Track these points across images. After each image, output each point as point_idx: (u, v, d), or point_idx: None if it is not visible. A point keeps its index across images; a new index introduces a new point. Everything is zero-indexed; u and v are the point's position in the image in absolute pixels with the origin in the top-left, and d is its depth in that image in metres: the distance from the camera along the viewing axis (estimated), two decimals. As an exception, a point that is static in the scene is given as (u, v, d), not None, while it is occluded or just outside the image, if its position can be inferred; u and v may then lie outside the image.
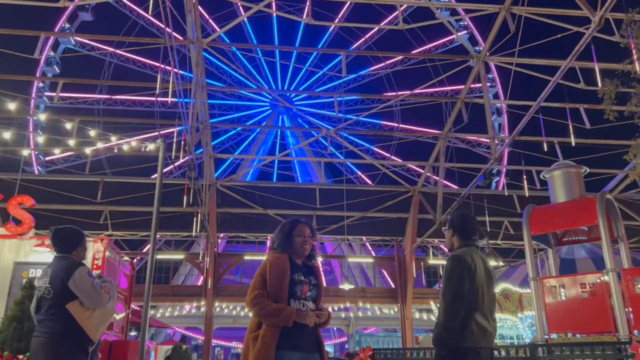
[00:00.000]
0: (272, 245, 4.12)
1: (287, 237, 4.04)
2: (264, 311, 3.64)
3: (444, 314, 3.97)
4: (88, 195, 22.63)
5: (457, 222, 4.41)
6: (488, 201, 20.78)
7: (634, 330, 9.80)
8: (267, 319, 3.63)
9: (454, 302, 3.96)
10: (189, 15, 15.83)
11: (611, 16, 13.21)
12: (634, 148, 13.42)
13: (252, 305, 3.70)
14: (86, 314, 4.34)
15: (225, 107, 40.56)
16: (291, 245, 4.00)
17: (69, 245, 4.77)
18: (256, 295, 3.70)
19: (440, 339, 3.96)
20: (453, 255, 4.18)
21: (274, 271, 3.78)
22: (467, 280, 4.01)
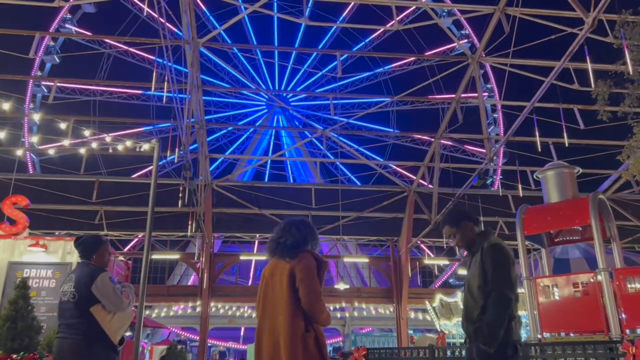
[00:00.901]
0: (307, 242, 3.97)
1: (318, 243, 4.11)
2: (327, 313, 3.78)
3: (496, 308, 3.72)
4: (83, 195, 22.59)
5: (464, 211, 4.32)
6: (483, 201, 20.87)
7: (625, 330, 9.87)
8: (325, 321, 3.75)
9: (506, 294, 3.76)
10: (184, 16, 15.84)
11: (604, 17, 13.31)
12: (627, 149, 13.52)
13: (322, 306, 3.71)
14: (107, 318, 4.58)
15: (222, 104, 40.56)
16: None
17: (88, 251, 4.95)
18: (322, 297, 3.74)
19: (493, 335, 3.68)
20: (494, 245, 3.96)
21: (324, 276, 3.86)
22: (513, 270, 3.88)
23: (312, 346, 3.60)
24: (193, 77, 16.84)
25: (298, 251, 3.85)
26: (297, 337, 3.58)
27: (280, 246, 3.94)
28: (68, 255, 10.25)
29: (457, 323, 19.21)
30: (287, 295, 3.71)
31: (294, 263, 3.80)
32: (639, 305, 10.03)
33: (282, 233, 4.00)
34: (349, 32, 39.12)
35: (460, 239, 4.22)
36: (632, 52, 12.26)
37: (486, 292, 3.82)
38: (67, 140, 13.04)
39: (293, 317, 3.64)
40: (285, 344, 3.57)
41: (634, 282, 10.28)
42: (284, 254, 3.89)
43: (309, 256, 3.83)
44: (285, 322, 3.65)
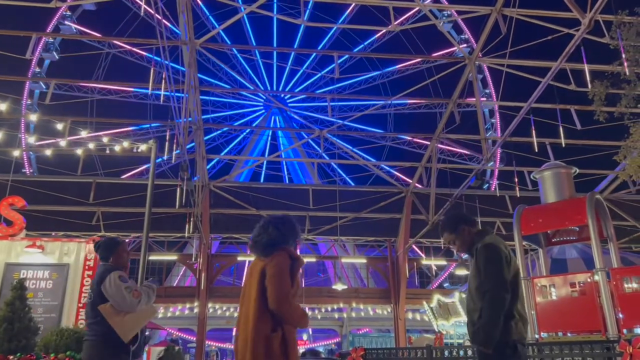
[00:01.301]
0: (285, 241, 3.89)
1: (299, 240, 4.04)
2: (299, 313, 3.69)
3: (490, 308, 3.69)
4: (80, 196, 22.53)
5: (461, 216, 4.30)
6: (480, 202, 20.90)
7: (623, 329, 9.90)
8: (298, 322, 3.68)
9: (499, 293, 3.71)
10: (181, 16, 15.82)
11: (601, 18, 13.35)
12: (624, 149, 13.55)
13: (290, 306, 3.61)
14: (118, 317, 4.61)
15: (219, 103, 40.53)
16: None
17: (106, 253, 5.09)
18: (292, 296, 3.65)
19: (488, 336, 3.66)
20: (487, 245, 3.93)
21: (299, 274, 3.78)
22: (507, 268, 3.83)
23: (276, 347, 3.50)
24: (190, 78, 16.82)
25: (273, 249, 3.79)
26: (260, 337, 3.52)
27: (256, 244, 3.89)
28: (65, 256, 10.23)
29: (455, 323, 19.25)
30: (257, 294, 3.65)
31: (267, 261, 3.75)
32: (636, 305, 10.06)
33: (259, 231, 3.94)
34: (349, 35, 39.28)
35: (460, 244, 4.21)
36: (629, 53, 12.30)
37: (482, 292, 3.80)
38: (64, 140, 13.02)
39: (259, 317, 3.58)
40: (249, 345, 3.52)
41: (631, 282, 10.31)
42: (259, 252, 3.85)
43: (283, 254, 3.76)
44: (252, 322, 3.59)
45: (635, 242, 25.00)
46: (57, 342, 7.37)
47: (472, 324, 3.89)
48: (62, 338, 7.42)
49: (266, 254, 3.79)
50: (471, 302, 3.96)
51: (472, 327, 3.87)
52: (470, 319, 3.93)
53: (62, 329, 7.91)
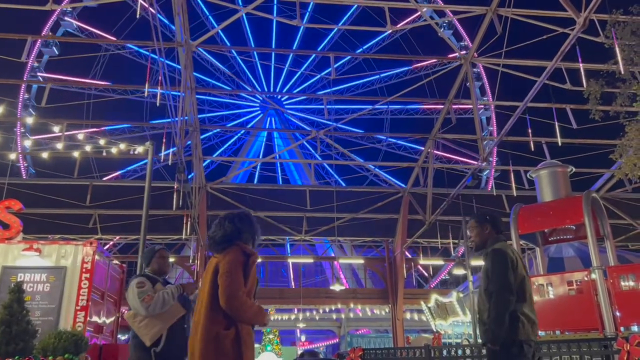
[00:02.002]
0: (240, 238, 3.78)
1: (257, 236, 3.94)
2: (253, 311, 3.56)
3: (495, 308, 3.96)
4: (77, 199, 22.48)
5: (493, 218, 4.58)
6: (477, 201, 20.93)
7: (620, 327, 9.94)
8: (249, 321, 3.57)
9: (503, 295, 3.98)
10: (177, 18, 15.81)
11: (595, 17, 13.39)
12: (620, 147, 13.60)
13: (242, 303, 3.49)
14: (137, 320, 4.73)
15: (216, 103, 40.47)
16: (255, 245, 3.89)
17: (146, 262, 5.40)
18: (244, 293, 3.53)
19: (494, 334, 3.92)
20: (495, 250, 4.26)
21: (255, 270, 3.66)
22: (512, 273, 4.10)
23: (228, 346, 3.40)
24: (187, 80, 16.81)
25: (227, 245, 3.70)
26: (210, 335, 3.42)
27: (211, 241, 3.80)
28: (62, 259, 10.18)
29: (453, 323, 19.28)
30: (209, 291, 3.57)
31: (220, 258, 3.66)
32: (632, 302, 10.11)
33: (215, 227, 3.85)
34: (348, 39, 39.33)
35: (476, 235, 4.55)
36: (623, 52, 12.35)
37: (490, 294, 4.11)
38: (61, 143, 13.00)
39: (211, 315, 3.49)
40: (199, 343, 3.44)
41: (627, 279, 10.36)
42: (213, 249, 3.77)
43: (236, 250, 3.66)
44: (203, 320, 3.51)
45: (631, 240, 25.08)
46: (55, 344, 7.35)
47: (482, 324, 4.18)
48: (60, 341, 7.40)
49: (220, 250, 3.70)
50: (481, 303, 4.26)
51: (483, 327, 4.14)
52: (481, 319, 4.22)
53: (60, 332, 7.89)
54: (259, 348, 27.44)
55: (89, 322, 9.60)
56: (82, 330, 8.85)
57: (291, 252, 32.16)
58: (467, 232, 4.76)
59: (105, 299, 10.92)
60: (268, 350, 26.59)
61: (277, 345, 27.31)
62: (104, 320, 10.86)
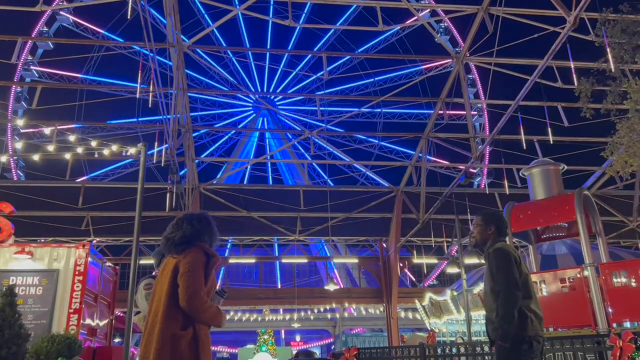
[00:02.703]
0: (199, 239, 3.74)
1: (215, 238, 3.89)
2: (212, 312, 3.53)
3: (503, 306, 3.99)
4: (69, 201, 22.34)
5: (500, 220, 4.58)
6: (470, 200, 21.02)
7: (612, 323, 10.00)
8: (208, 321, 3.53)
9: (511, 292, 4.02)
10: (168, 18, 15.76)
11: (586, 16, 13.48)
12: (611, 145, 13.70)
13: (203, 302, 3.45)
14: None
15: (209, 102, 40.30)
16: (212, 248, 3.83)
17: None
18: (205, 293, 3.49)
19: (504, 331, 3.94)
20: (497, 249, 4.29)
21: (214, 271, 3.64)
22: (517, 270, 4.14)
23: (184, 347, 3.36)
24: (179, 81, 16.75)
25: (187, 246, 3.66)
26: (167, 336, 3.38)
27: (169, 242, 3.73)
28: (55, 262, 10.13)
29: (447, 321, 19.33)
30: (167, 291, 3.52)
31: (180, 258, 3.60)
32: (625, 299, 10.18)
33: (172, 229, 3.80)
34: (344, 42, 39.30)
35: (479, 232, 4.56)
36: (614, 50, 12.45)
37: (496, 293, 4.14)
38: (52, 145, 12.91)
39: (168, 315, 3.44)
40: (155, 344, 3.40)
41: (619, 276, 10.43)
42: (171, 250, 3.71)
43: (198, 250, 3.63)
44: (159, 320, 3.45)
45: (623, 237, 25.28)
46: (48, 348, 7.32)
47: (490, 323, 4.22)
48: (53, 344, 7.37)
49: (179, 251, 3.65)
50: (489, 303, 4.29)
51: (491, 325, 4.18)
52: (489, 318, 4.26)
53: (52, 335, 7.85)
54: (254, 348, 27.40)
55: (82, 325, 9.56)
56: (75, 333, 8.81)
57: (285, 253, 32.11)
58: (471, 228, 4.73)
59: (98, 301, 10.87)
60: (263, 351, 26.55)
61: (272, 346, 27.27)
62: (97, 323, 10.80)
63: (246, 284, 38.01)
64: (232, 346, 38.63)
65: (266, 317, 33.41)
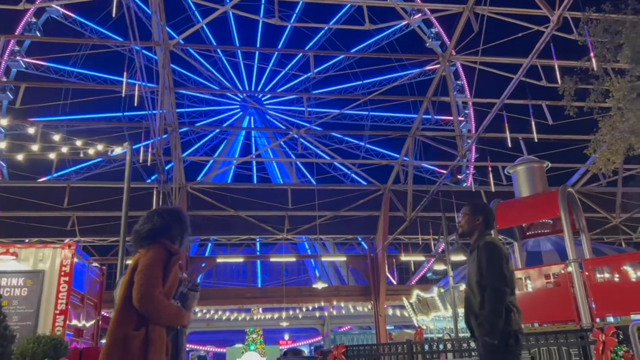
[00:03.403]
0: (168, 234, 3.58)
1: (186, 233, 3.71)
2: (169, 312, 3.34)
3: (492, 301, 3.99)
4: (54, 201, 22.12)
5: (488, 212, 4.60)
6: (456, 197, 21.16)
7: (596, 318, 10.16)
8: (165, 321, 3.34)
9: (501, 287, 4.03)
10: (154, 17, 15.67)
11: (569, 15, 13.66)
12: (594, 143, 13.89)
13: (158, 303, 3.26)
14: None
15: (194, 114, 40.15)
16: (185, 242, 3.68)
17: None
18: (161, 294, 3.30)
19: (492, 327, 3.94)
20: (489, 243, 4.29)
21: (177, 269, 3.46)
22: (506, 266, 4.16)
23: (135, 349, 3.19)
24: (165, 80, 16.67)
25: (153, 241, 3.49)
26: (117, 335, 3.23)
27: (137, 235, 3.55)
28: (40, 262, 10.03)
29: (434, 318, 19.48)
30: (124, 289, 3.36)
31: (141, 254, 3.44)
32: (608, 294, 10.34)
33: (143, 221, 3.60)
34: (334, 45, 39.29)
35: (466, 222, 4.56)
36: (596, 49, 12.62)
37: (482, 286, 4.13)
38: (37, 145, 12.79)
39: (122, 315, 3.30)
40: (105, 343, 3.26)
41: (602, 272, 10.59)
42: (138, 244, 3.54)
43: (159, 247, 3.45)
44: (113, 320, 3.30)
45: (606, 233, 25.64)
46: (33, 349, 7.25)
47: (474, 317, 4.19)
48: (39, 345, 7.31)
49: (145, 245, 3.49)
50: (472, 295, 4.27)
51: (475, 320, 4.16)
52: (472, 311, 4.23)
53: (38, 336, 7.78)
54: (243, 348, 27.37)
55: (68, 325, 9.48)
56: (61, 335, 8.74)
57: (274, 252, 32.07)
58: (459, 217, 4.74)
59: (85, 302, 10.79)
60: (251, 350, 26.55)
61: (261, 345, 27.27)
62: (84, 324, 10.72)
63: (233, 284, 37.95)
64: (220, 346, 38.54)
65: (254, 316, 33.38)
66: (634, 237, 26.12)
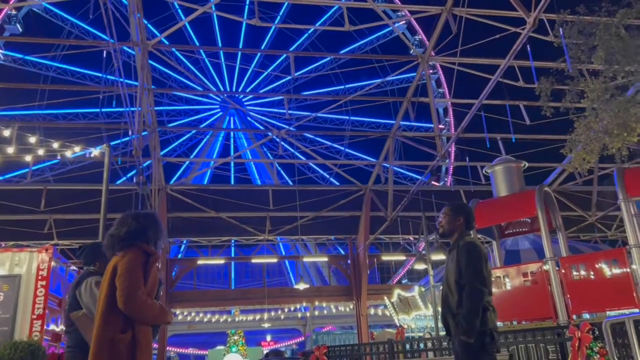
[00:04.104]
0: (144, 237, 3.64)
1: (161, 236, 3.76)
2: (150, 313, 3.39)
3: (470, 301, 4.04)
4: (30, 204, 21.71)
5: (469, 212, 4.66)
6: (436, 197, 21.36)
7: (572, 315, 10.36)
8: (151, 321, 3.42)
9: (479, 287, 4.09)
10: (132, 17, 15.50)
11: (545, 17, 13.90)
12: (570, 142, 14.12)
13: (141, 304, 3.32)
14: (91, 325, 4.11)
15: (174, 112, 39.82)
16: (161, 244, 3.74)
17: (89, 257, 4.85)
18: (143, 294, 3.37)
19: (470, 326, 3.98)
20: (469, 243, 4.35)
21: (156, 270, 3.54)
22: (485, 266, 4.23)
23: (122, 350, 3.27)
24: (144, 81, 16.49)
25: (129, 243, 3.56)
26: (105, 339, 3.30)
27: (113, 239, 3.61)
28: (16, 267, 9.86)
29: (416, 317, 19.64)
30: (106, 293, 3.44)
31: (119, 258, 3.52)
32: (583, 291, 10.55)
33: (118, 225, 3.67)
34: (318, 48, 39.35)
35: (447, 222, 4.61)
36: (571, 50, 12.86)
37: (461, 286, 4.18)
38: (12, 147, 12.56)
39: (106, 318, 3.36)
40: (92, 348, 3.32)
41: (578, 269, 10.80)
42: (115, 247, 3.60)
43: (136, 250, 3.52)
44: (97, 324, 3.37)
45: (583, 231, 26.13)
46: (10, 355, 7.13)
47: (451, 315, 4.25)
48: (16, 351, 7.18)
49: (122, 247, 3.56)
50: (449, 293, 4.32)
51: (453, 319, 4.21)
52: (449, 310, 4.28)
53: (15, 342, 7.66)
54: (224, 349, 27.23)
55: (46, 331, 9.34)
56: (39, 340, 8.62)
57: (255, 253, 31.96)
58: (439, 217, 4.80)
59: (62, 306, 10.63)
60: (233, 352, 26.44)
61: (243, 346, 27.18)
62: (62, 329, 10.57)
63: (214, 286, 37.75)
64: (202, 348, 38.29)
65: (236, 317, 33.24)
66: (609, 235, 26.67)
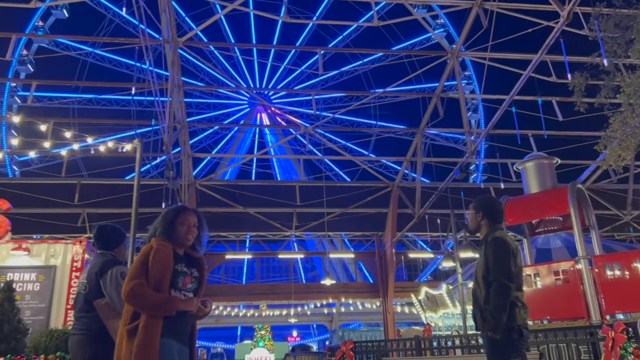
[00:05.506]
0: (154, 233, 3.79)
1: (170, 225, 3.78)
2: (148, 302, 3.43)
3: (497, 297, 4.02)
4: (65, 198, 22.32)
5: (486, 206, 4.58)
6: (465, 194, 21.09)
7: (605, 315, 10.12)
8: (151, 310, 3.43)
9: (505, 282, 4.05)
10: (163, 14, 15.75)
11: (579, 10, 13.55)
12: (604, 139, 13.77)
13: (133, 296, 3.41)
14: (112, 314, 4.25)
15: (203, 105, 40.36)
16: (173, 234, 3.75)
17: (110, 242, 4.89)
18: (137, 285, 3.42)
19: (497, 322, 3.96)
20: (497, 238, 4.29)
21: (158, 259, 3.55)
22: (513, 261, 4.18)
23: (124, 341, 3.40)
24: (174, 77, 16.75)
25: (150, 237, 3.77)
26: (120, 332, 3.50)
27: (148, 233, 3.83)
28: (52, 258, 10.17)
29: (443, 315, 19.46)
30: None
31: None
32: (617, 291, 10.29)
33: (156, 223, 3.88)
34: (326, 27, 39.40)
35: (470, 219, 4.63)
36: (607, 44, 12.52)
37: (488, 281, 4.15)
38: (48, 142, 12.92)
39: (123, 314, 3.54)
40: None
41: (612, 269, 10.54)
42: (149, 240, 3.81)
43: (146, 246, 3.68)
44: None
45: (617, 230, 25.45)
46: (46, 343, 7.35)
47: (479, 311, 4.21)
48: (51, 339, 7.40)
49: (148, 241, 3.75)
50: (478, 289, 4.29)
51: (480, 314, 4.17)
52: (477, 305, 4.25)
53: (51, 330, 7.89)
54: (251, 344, 27.51)
55: (80, 320, 9.58)
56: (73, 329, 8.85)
57: (282, 248, 32.17)
58: (466, 215, 4.80)
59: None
60: (260, 346, 26.69)
61: (269, 341, 27.42)
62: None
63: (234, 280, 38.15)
64: (229, 342, 38.78)
65: (263, 312, 33.52)
66: (645, 234, 25.93)
